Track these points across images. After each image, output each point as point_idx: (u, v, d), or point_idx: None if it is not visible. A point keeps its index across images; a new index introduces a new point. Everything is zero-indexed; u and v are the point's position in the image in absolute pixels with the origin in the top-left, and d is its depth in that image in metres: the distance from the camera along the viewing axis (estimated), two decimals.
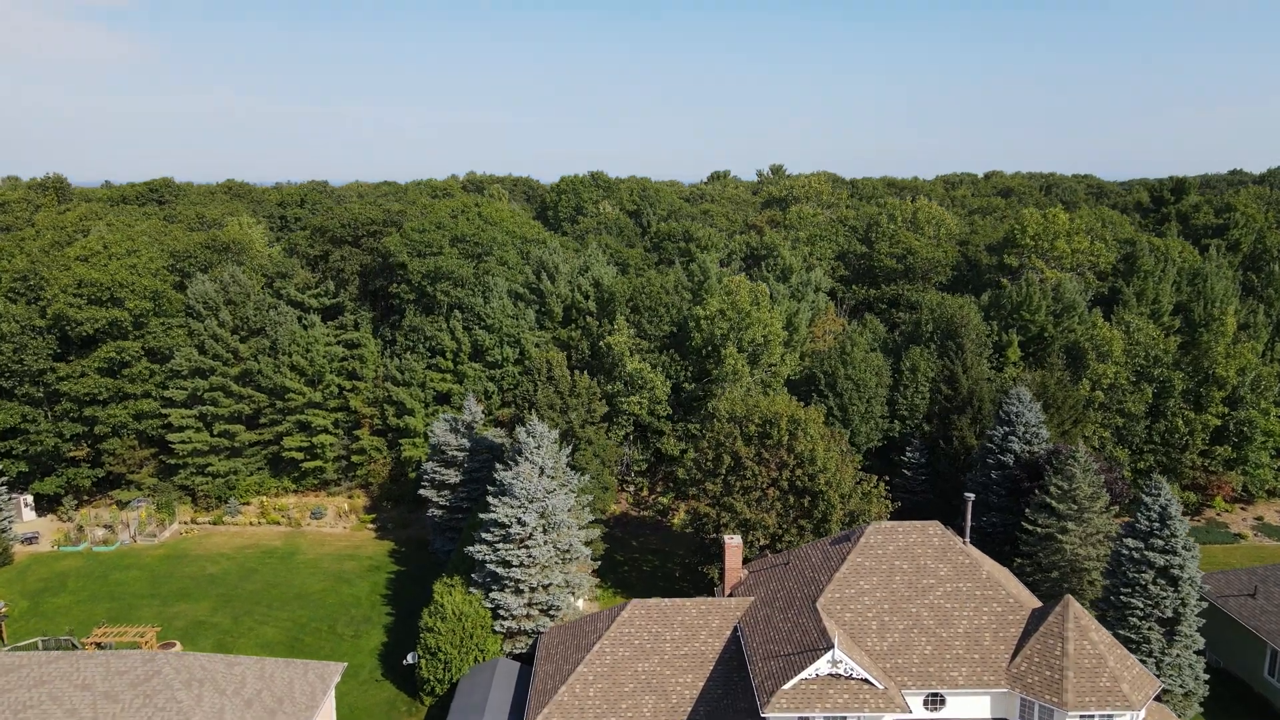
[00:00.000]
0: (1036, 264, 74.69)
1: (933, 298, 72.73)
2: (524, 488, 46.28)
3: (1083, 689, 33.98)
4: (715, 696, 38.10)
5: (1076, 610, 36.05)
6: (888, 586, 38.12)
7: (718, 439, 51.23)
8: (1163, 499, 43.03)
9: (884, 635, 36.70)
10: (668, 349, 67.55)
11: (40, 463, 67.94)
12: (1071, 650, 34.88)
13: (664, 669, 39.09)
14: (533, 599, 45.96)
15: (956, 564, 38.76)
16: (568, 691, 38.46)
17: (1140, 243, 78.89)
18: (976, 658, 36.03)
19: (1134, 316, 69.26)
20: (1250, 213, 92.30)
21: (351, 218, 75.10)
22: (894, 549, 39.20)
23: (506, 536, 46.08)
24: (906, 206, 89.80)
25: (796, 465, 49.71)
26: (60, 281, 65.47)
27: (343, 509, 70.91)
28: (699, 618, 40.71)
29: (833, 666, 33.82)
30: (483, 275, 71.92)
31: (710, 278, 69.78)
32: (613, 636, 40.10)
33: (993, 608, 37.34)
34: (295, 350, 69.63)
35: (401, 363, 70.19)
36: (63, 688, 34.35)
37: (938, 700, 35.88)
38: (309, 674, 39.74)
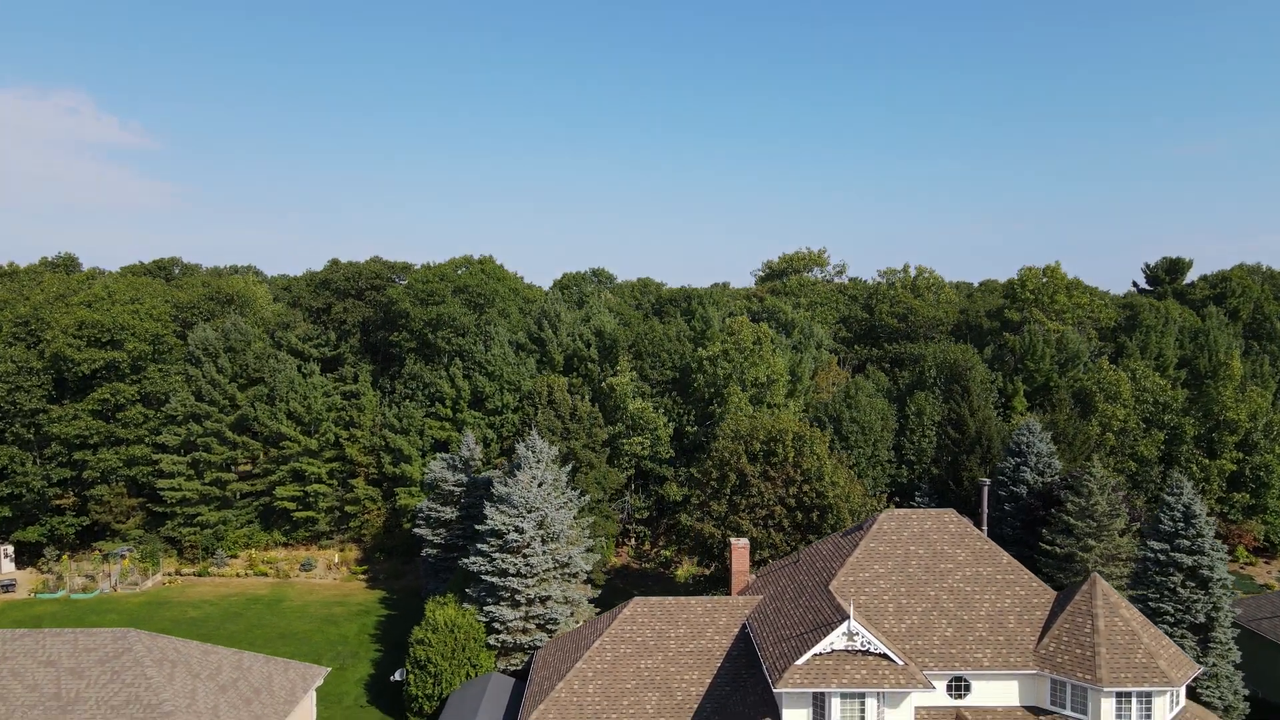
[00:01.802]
0: (1038, 317, 74.64)
1: (936, 347, 72.35)
2: (522, 497, 44.72)
3: (1117, 665, 31.75)
4: (723, 694, 35.62)
5: (1105, 588, 34.10)
6: (903, 571, 36.20)
7: (722, 457, 49.84)
8: (1185, 497, 41.49)
9: (902, 618, 34.60)
10: (670, 392, 66.71)
11: (24, 509, 66.00)
12: (1103, 627, 32.79)
13: (668, 666, 36.72)
14: (529, 612, 43.64)
15: (975, 549, 36.93)
16: (565, 688, 36.00)
17: (1141, 303, 79.15)
18: (1001, 639, 33.84)
19: (1139, 365, 68.70)
20: (1246, 284, 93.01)
21: (355, 270, 75.59)
22: (908, 535, 37.44)
23: (504, 545, 44.18)
24: (906, 274, 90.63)
25: (804, 481, 48.19)
26: (61, 323, 65.29)
27: (333, 561, 68.43)
28: (705, 615, 38.53)
29: (849, 640, 31.70)
30: (484, 325, 71.83)
31: (713, 326, 69.67)
32: (614, 634, 37.84)
33: (1015, 591, 35.34)
34: (293, 398, 68.74)
35: (400, 410, 69.17)
36: (26, 664, 32.13)
37: (962, 686, 33.49)
38: (289, 672, 37.30)
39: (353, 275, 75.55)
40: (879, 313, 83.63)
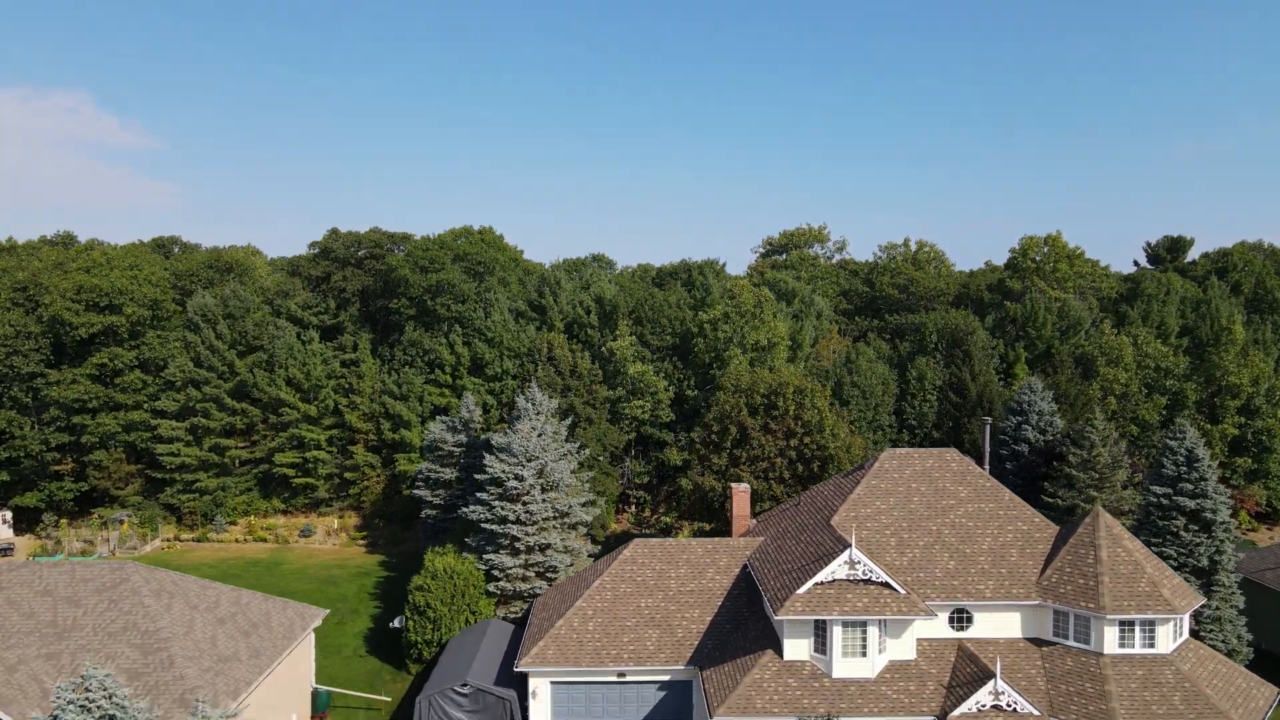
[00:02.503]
0: (1040, 285, 74.39)
1: (938, 314, 72.12)
2: (522, 445, 44.50)
3: (1120, 594, 31.55)
4: (724, 631, 35.45)
5: (1108, 520, 33.91)
6: (905, 507, 36.00)
7: (723, 410, 49.64)
8: (1188, 441, 41.27)
9: (903, 551, 34.39)
10: (670, 358, 66.49)
11: (23, 474, 65.82)
12: (1105, 557, 32.59)
13: (668, 604, 36.57)
14: (529, 560, 43.42)
15: (977, 487, 36.74)
16: (565, 625, 35.84)
17: (1143, 274, 78.92)
18: (1004, 572, 33.64)
19: (1141, 331, 68.49)
20: (1248, 258, 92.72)
21: (355, 239, 75.38)
22: (910, 473, 37.24)
23: (503, 494, 43.98)
24: (907, 249, 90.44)
25: (804, 434, 48.00)
26: (59, 287, 65.07)
27: (332, 527, 68.22)
28: (706, 556, 38.36)
29: (850, 568, 31.51)
30: (484, 293, 71.61)
31: (713, 293, 69.45)
32: (614, 574, 37.69)
33: (1018, 526, 35.15)
34: (292, 364, 68.52)
35: (399, 376, 68.96)
36: (22, 593, 31.92)
37: (964, 618, 33.29)
38: (288, 610, 37.13)
39: (352, 244, 75.35)
40: (880, 284, 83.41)
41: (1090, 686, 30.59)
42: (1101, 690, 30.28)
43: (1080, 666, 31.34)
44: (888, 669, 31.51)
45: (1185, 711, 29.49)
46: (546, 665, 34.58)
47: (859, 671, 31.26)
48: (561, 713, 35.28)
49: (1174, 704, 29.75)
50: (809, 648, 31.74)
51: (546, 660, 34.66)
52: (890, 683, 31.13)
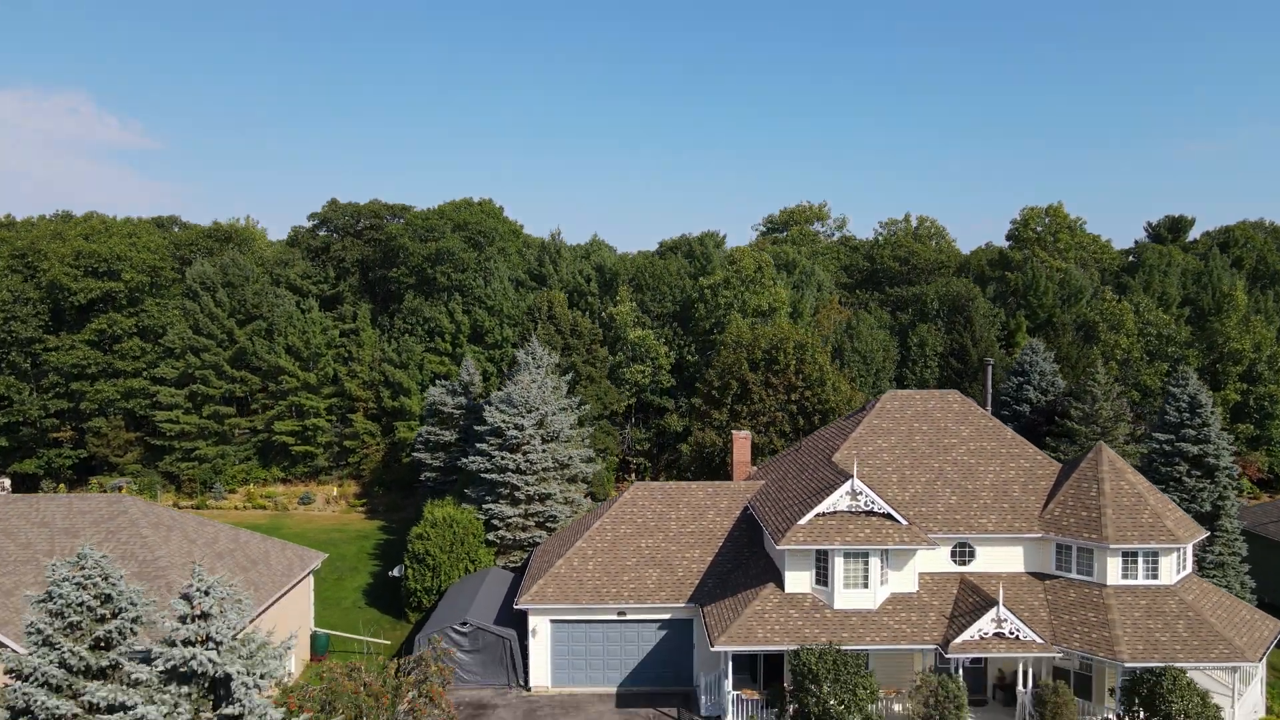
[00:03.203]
0: (1042, 256, 74.20)
1: (939, 282, 71.93)
2: (522, 396, 44.34)
3: (1123, 525, 31.37)
4: (725, 570, 35.27)
5: (1110, 455, 33.73)
6: (907, 445, 35.82)
7: (724, 366, 49.46)
8: (1190, 388, 41.14)
9: (905, 487, 34.21)
10: (671, 324, 66.31)
11: (21, 441, 65.66)
12: (1108, 490, 32.41)
13: (669, 545, 36.39)
14: (528, 509, 43.25)
15: (979, 426, 36.56)
16: (565, 564, 35.66)
17: (1144, 246, 78.74)
18: (1006, 507, 33.47)
19: (1143, 299, 68.30)
20: (1249, 235, 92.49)
21: (354, 210, 75.19)
22: (912, 413, 37.06)
23: (503, 444, 43.82)
24: (908, 224, 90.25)
25: (805, 388, 47.82)
26: (58, 253, 64.91)
27: (332, 495, 68.06)
28: (706, 499, 38.18)
29: (852, 499, 31.33)
30: (484, 262, 71.41)
31: (713, 262, 69.27)
32: (614, 515, 37.51)
33: (1020, 463, 34.98)
34: (292, 332, 68.34)
35: (399, 344, 68.78)
36: (20, 525, 31.75)
37: (966, 553, 33.11)
38: (287, 551, 36.97)
39: (351, 215, 75.15)
40: (881, 258, 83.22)
41: (1093, 615, 30.41)
42: (1105, 619, 30.10)
43: (1083, 597, 31.16)
44: (889, 601, 31.33)
45: (1189, 639, 29.30)
46: (546, 603, 34.39)
47: (861, 603, 31.09)
48: (562, 652, 35.08)
49: (1177, 631, 29.57)
50: (810, 580, 31.56)
51: (546, 598, 34.48)
52: (892, 614, 30.95)
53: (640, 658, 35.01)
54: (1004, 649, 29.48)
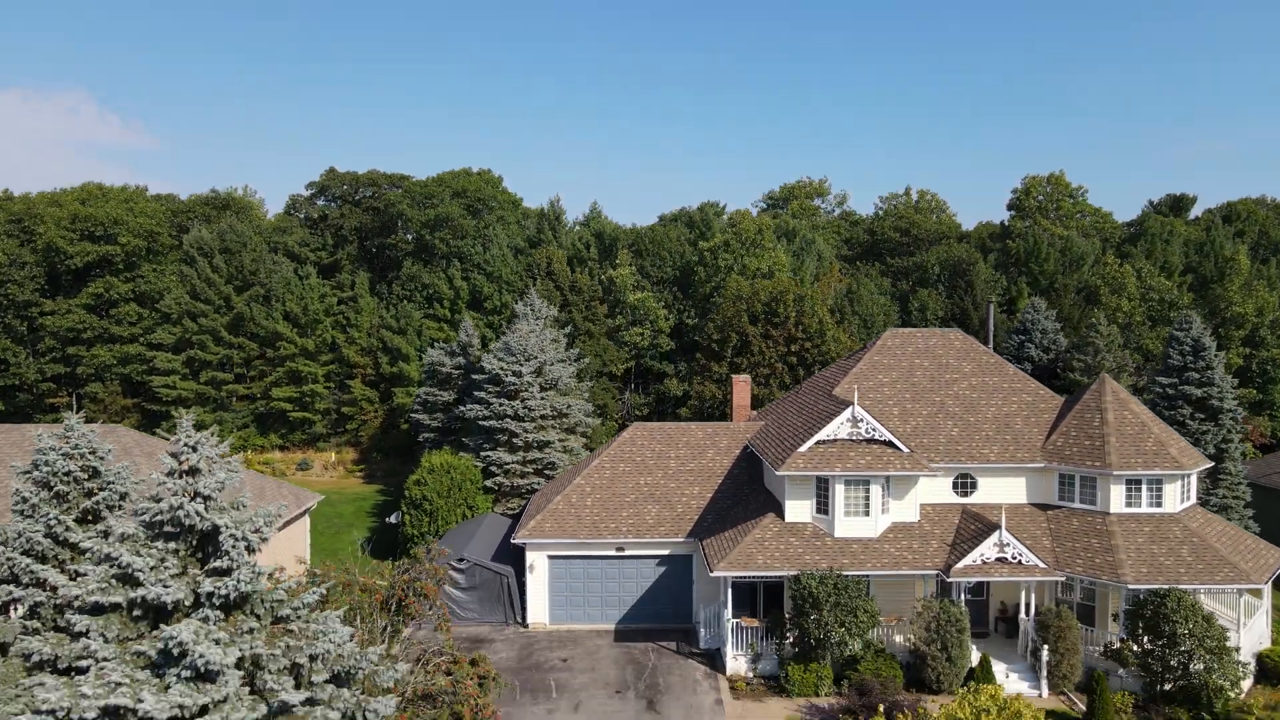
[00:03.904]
0: (1043, 223, 73.84)
1: (939, 249, 71.59)
2: (520, 344, 44.04)
3: (1126, 452, 31.04)
4: (724, 506, 34.95)
5: (1114, 386, 33.39)
6: (908, 380, 35.49)
7: (724, 319, 49.13)
8: (1194, 331, 40.82)
9: (906, 420, 33.86)
10: (670, 288, 65.97)
11: (19, 407, 65.35)
12: (1112, 419, 32.08)
13: (668, 482, 36.07)
14: (526, 457, 42.95)
15: (981, 362, 36.23)
16: (563, 501, 35.35)
17: (1146, 214, 78.39)
18: (1008, 438, 33.13)
19: (1145, 265, 67.95)
20: (1251, 209, 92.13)
21: (353, 179, 74.84)
22: (913, 350, 36.73)
23: (501, 391, 43.52)
24: (908, 198, 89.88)
25: (805, 340, 47.50)
26: (54, 217, 64.59)
27: (330, 461, 67.76)
28: (706, 438, 37.87)
29: (853, 426, 31.02)
30: (483, 229, 71.07)
31: (713, 228, 68.94)
32: (613, 454, 37.20)
33: (1022, 397, 34.63)
34: (290, 298, 68.02)
35: (397, 310, 68.45)
36: (11, 452, 31.44)
37: (968, 484, 32.78)
38: (283, 488, 36.69)
39: (350, 183, 74.82)
40: (881, 229, 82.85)
41: (1097, 542, 30.08)
42: (1108, 545, 29.76)
43: (1087, 526, 30.82)
44: (890, 529, 31.00)
45: (1194, 563, 28.97)
46: (544, 538, 34.07)
47: (861, 531, 30.76)
48: (560, 589, 34.77)
49: (1182, 556, 29.23)
50: (811, 509, 31.23)
51: (544, 533, 34.16)
52: (893, 541, 30.62)
53: (639, 594, 34.69)
54: (1006, 574, 29.15)
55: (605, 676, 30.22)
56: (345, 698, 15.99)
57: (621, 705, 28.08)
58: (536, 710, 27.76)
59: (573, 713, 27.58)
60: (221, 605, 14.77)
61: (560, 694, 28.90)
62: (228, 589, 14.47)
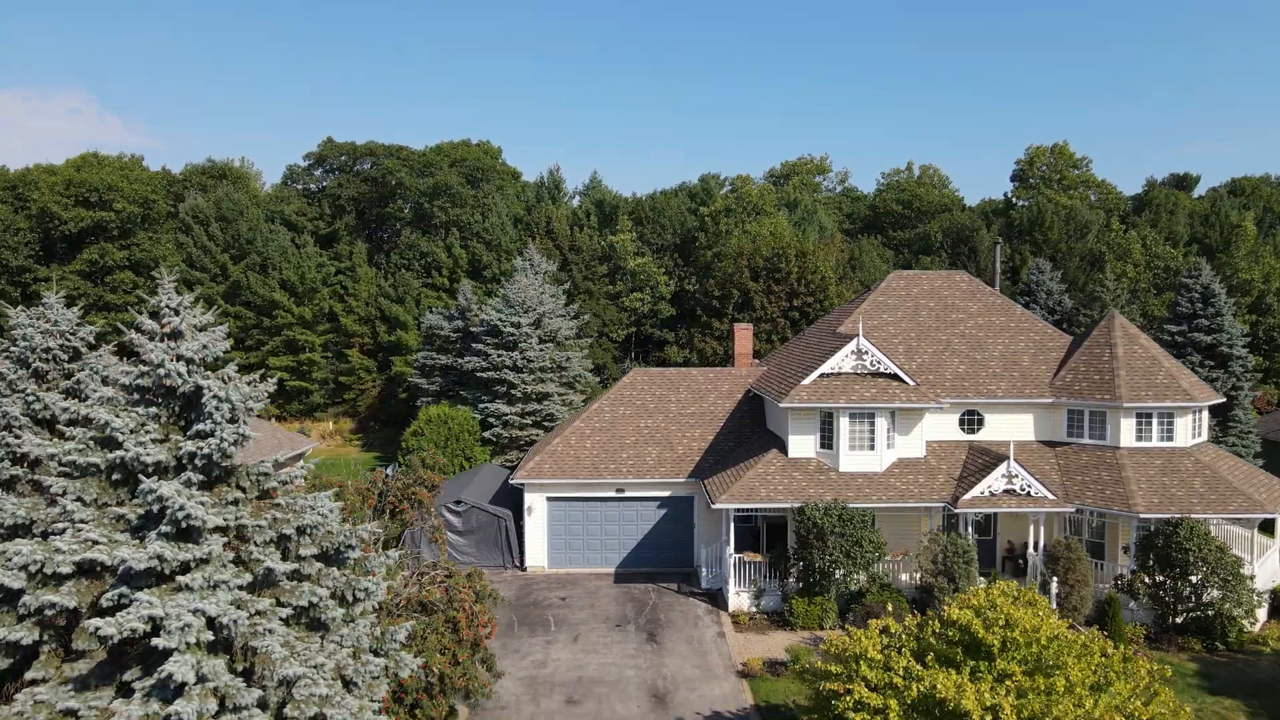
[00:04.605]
0: (1046, 193, 73.20)
1: (942, 218, 70.97)
2: (519, 296, 43.43)
3: (1137, 385, 30.43)
4: (727, 448, 34.35)
5: (1123, 322, 32.78)
6: (913, 320, 34.87)
7: (725, 275, 48.51)
8: (1204, 278, 40.23)
9: (912, 357, 33.25)
10: (671, 253, 65.35)
11: None
12: (1121, 354, 31.46)
13: (669, 425, 35.46)
14: (526, 408, 42.33)
15: (987, 303, 35.62)
16: (562, 443, 34.74)
17: (1152, 184, 77.78)
18: (1016, 375, 32.53)
19: (1150, 233, 67.34)
20: (1257, 186, 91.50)
21: (351, 149, 74.23)
22: (918, 291, 36.11)
23: (500, 342, 42.91)
24: (910, 172, 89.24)
25: (808, 295, 46.89)
26: (49, 182, 63.99)
27: (327, 430, 67.14)
28: (707, 383, 37.27)
29: (858, 359, 30.40)
30: (482, 199, 70.47)
31: (714, 194, 68.31)
32: (613, 397, 36.60)
33: (1030, 336, 34.02)
34: (287, 267, 67.38)
35: (396, 279, 67.84)
36: None
37: (975, 420, 32.17)
38: (278, 433, 36.07)
39: (348, 153, 74.20)
40: (883, 202, 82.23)
41: (1107, 475, 29.46)
42: (1119, 477, 29.14)
43: (1096, 460, 30.20)
44: (896, 464, 30.39)
45: (1207, 494, 28.34)
46: (543, 478, 33.46)
47: (867, 466, 30.14)
48: (559, 531, 34.16)
49: (1194, 487, 28.61)
50: (815, 444, 30.61)
51: (543, 474, 33.55)
52: (899, 475, 30.00)
53: (639, 537, 34.09)
54: (1014, 505, 28.53)
55: (605, 613, 29.61)
56: (335, 575, 15.38)
57: (622, 637, 27.47)
58: (534, 642, 27.16)
59: (571, 644, 26.98)
60: (203, 468, 14.15)
61: (559, 628, 28.30)
62: (210, 449, 13.85)
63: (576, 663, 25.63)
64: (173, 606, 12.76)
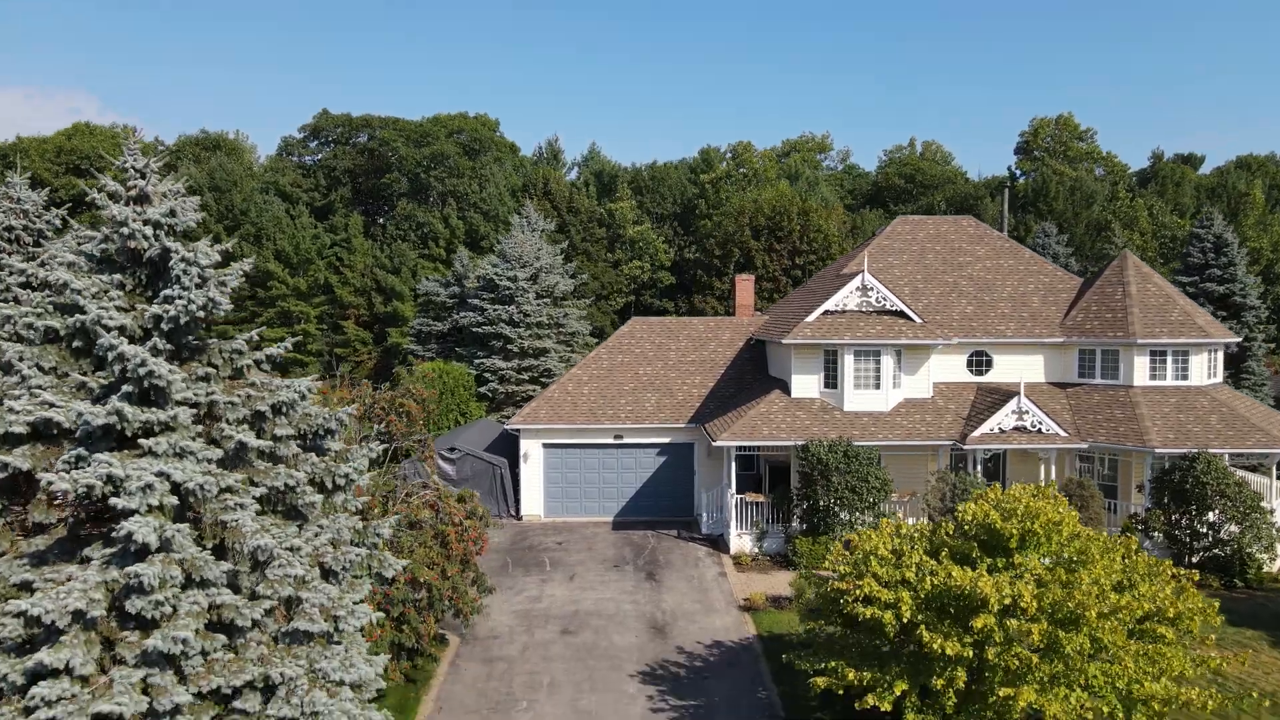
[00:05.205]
0: (1051, 164, 72.28)
1: (946, 189, 70.06)
2: (516, 251, 42.54)
3: (1151, 321, 29.54)
4: (727, 394, 33.46)
5: (1136, 261, 31.91)
6: (920, 263, 33.98)
7: (725, 233, 47.61)
8: (1216, 227, 39.34)
9: (918, 298, 32.35)
10: (671, 222, 64.43)
11: None
12: (1135, 291, 30.59)
13: (669, 372, 34.58)
14: (523, 364, 41.44)
15: (995, 246, 34.74)
16: (559, 389, 33.87)
17: (1159, 156, 76.89)
18: (1025, 315, 31.64)
19: (1157, 203, 66.43)
20: (1263, 164, 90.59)
21: (346, 121, 73.33)
22: (924, 236, 35.22)
23: (496, 297, 42.02)
24: (912, 149, 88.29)
25: (811, 253, 45.98)
26: (39, 149, 63.10)
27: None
28: (708, 331, 36.40)
29: (863, 295, 29.53)
30: (479, 169, 69.56)
31: (715, 165, 67.42)
32: (611, 345, 35.74)
33: (1039, 278, 33.13)
34: (281, 237, 66.47)
35: (392, 250, 66.91)
36: None
37: (983, 361, 31.28)
38: None
39: (344, 124, 73.31)
40: (886, 177, 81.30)
41: (1120, 412, 28.57)
42: (1132, 414, 28.25)
43: (1109, 399, 29.31)
44: (902, 405, 29.50)
45: (1224, 430, 27.44)
46: (539, 423, 32.57)
47: (872, 405, 29.25)
48: (555, 479, 33.29)
49: (1211, 423, 27.71)
50: (819, 384, 29.72)
51: (539, 419, 32.67)
52: (905, 415, 29.12)
53: (638, 485, 33.22)
54: (1025, 442, 27.65)
55: (602, 555, 28.74)
56: (313, 461, 14.49)
57: (619, 576, 26.58)
58: (528, 580, 26.28)
59: (568, 582, 26.09)
60: (170, 334, 13.24)
61: (554, 568, 27.43)
62: (176, 311, 12.93)
63: (572, 598, 24.76)
64: (134, 468, 11.87)
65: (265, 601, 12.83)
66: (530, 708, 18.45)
